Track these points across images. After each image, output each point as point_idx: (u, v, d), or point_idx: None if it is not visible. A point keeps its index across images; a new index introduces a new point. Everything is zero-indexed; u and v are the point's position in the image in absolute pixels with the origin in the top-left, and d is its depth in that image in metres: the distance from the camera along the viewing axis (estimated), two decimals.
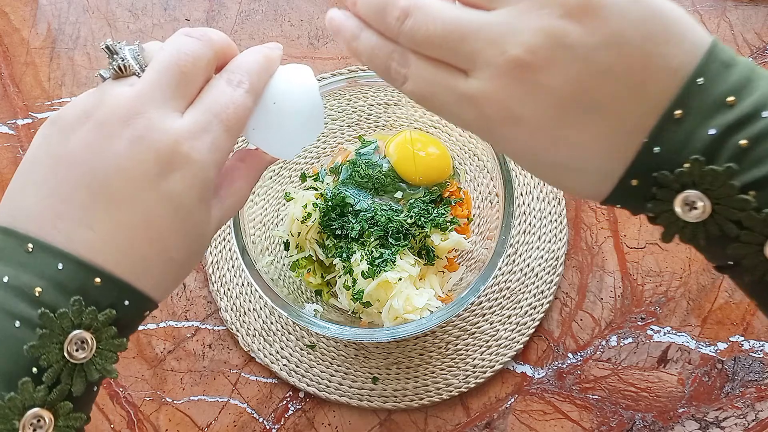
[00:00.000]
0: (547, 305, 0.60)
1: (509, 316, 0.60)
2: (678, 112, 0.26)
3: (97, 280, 0.28)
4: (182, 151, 0.30)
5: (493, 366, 0.58)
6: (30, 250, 0.28)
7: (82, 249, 0.28)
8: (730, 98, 0.25)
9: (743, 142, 0.25)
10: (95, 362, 0.29)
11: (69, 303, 0.28)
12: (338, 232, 0.57)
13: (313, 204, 0.57)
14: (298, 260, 0.59)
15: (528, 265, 0.61)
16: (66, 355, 0.28)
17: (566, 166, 0.29)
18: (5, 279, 0.28)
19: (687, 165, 0.26)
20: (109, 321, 0.29)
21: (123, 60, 0.31)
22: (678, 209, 0.27)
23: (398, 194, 0.59)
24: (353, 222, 0.56)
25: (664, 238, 0.29)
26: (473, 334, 0.60)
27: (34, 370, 0.28)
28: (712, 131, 0.26)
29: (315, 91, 0.35)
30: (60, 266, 0.28)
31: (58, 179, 0.29)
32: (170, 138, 0.29)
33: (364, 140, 0.62)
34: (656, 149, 0.26)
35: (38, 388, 0.28)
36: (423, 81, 0.30)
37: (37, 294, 0.28)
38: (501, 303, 0.60)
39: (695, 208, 0.26)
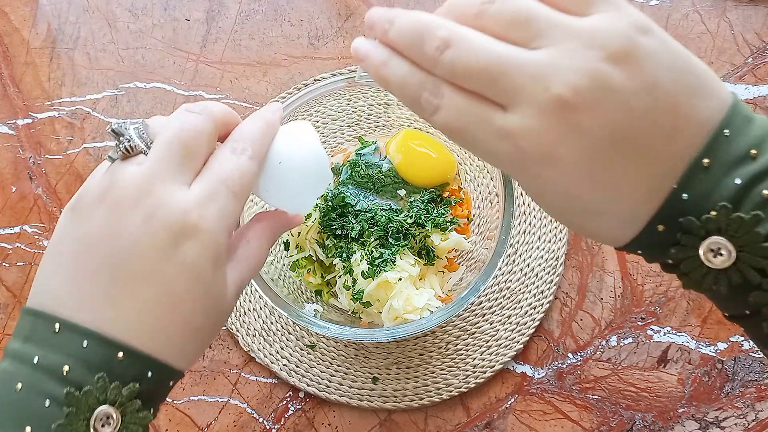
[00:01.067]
0: (547, 305, 0.60)
1: (509, 316, 0.60)
2: (705, 161, 0.27)
3: (120, 355, 0.30)
4: (192, 221, 0.31)
5: (493, 366, 0.58)
6: (57, 330, 0.30)
7: (106, 326, 0.30)
8: (753, 151, 0.27)
9: (766, 192, 0.27)
10: None
11: (94, 380, 0.29)
12: (338, 232, 0.57)
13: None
14: (298, 260, 0.59)
15: (528, 265, 0.61)
16: (92, 431, 0.29)
17: (595, 209, 0.29)
18: (35, 359, 0.29)
19: (714, 212, 0.27)
20: (133, 395, 0.30)
21: (129, 141, 0.32)
22: (703, 255, 0.28)
23: (401, 191, 0.59)
24: (353, 222, 0.56)
25: (686, 285, 0.29)
26: (473, 334, 0.60)
27: None
28: (737, 180, 0.27)
29: (317, 144, 0.37)
30: (85, 344, 0.29)
31: (81, 262, 0.31)
32: (179, 210, 0.31)
33: (364, 140, 0.62)
34: (684, 195, 0.28)
35: None
36: (456, 113, 0.29)
37: (64, 372, 0.29)
38: (501, 303, 0.60)
39: (720, 255, 0.27)
